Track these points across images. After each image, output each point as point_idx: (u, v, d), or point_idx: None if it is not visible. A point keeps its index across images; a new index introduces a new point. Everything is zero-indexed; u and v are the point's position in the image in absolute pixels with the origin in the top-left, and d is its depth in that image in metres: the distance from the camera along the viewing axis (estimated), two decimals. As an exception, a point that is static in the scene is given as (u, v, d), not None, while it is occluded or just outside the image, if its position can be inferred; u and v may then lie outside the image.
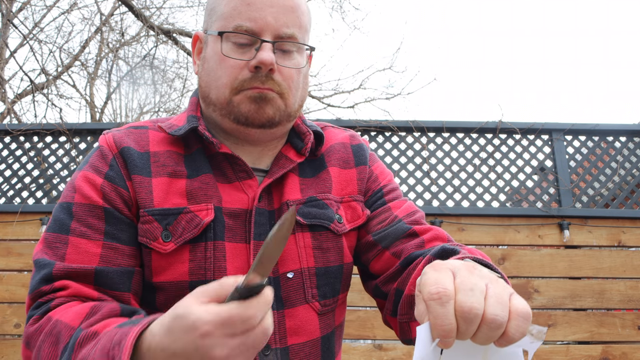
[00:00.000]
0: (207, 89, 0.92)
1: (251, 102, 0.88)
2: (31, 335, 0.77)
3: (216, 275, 0.85)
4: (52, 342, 0.73)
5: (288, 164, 0.95)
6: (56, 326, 0.74)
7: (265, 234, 0.90)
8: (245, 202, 0.90)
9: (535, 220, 3.11)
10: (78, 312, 0.75)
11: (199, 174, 0.90)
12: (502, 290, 0.57)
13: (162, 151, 0.92)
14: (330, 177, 0.98)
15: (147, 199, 0.86)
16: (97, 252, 0.83)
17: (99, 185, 0.87)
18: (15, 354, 2.90)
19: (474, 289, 0.56)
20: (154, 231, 0.85)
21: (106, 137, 0.92)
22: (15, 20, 7.15)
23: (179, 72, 9.87)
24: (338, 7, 11.69)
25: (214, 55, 0.91)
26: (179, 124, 0.95)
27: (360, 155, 1.04)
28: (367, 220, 0.99)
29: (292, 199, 0.93)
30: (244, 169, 0.91)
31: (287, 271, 0.89)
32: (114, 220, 0.86)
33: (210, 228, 0.86)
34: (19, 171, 3.31)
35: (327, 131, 1.06)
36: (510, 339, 0.55)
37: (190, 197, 0.88)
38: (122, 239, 0.86)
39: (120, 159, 0.89)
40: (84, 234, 0.84)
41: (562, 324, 2.91)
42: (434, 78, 14.87)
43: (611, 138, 3.33)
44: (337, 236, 0.94)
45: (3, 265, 3.05)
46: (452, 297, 0.55)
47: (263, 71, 0.87)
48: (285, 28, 0.88)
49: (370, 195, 1.02)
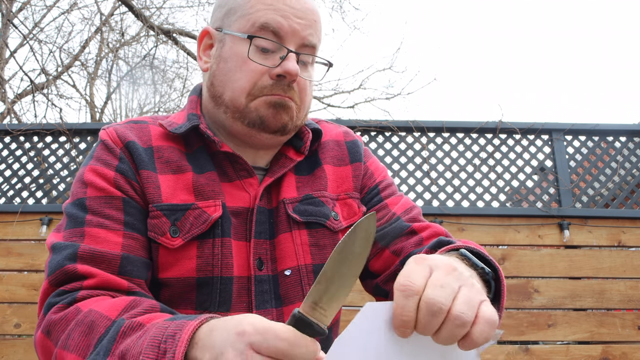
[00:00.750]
0: (221, 89, 0.91)
1: (269, 106, 0.88)
2: (55, 323, 0.72)
3: (223, 272, 0.84)
4: (83, 332, 0.68)
5: (288, 163, 0.95)
6: (88, 316, 0.70)
7: (265, 233, 0.90)
8: (247, 200, 0.90)
9: (535, 220, 3.11)
10: (115, 304, 0.72)
11: (204, 171, 0.90)
12: (473, 295, 0.58)
13: (165, 146, 0.91)
14: (326, 175, 0.99)
15: (155, 194, 0.85)
16: (118, 241, 0.81)
17: (112, 178, 0.85)
18: (15, 354, 2.90)
19: (445, 287, 0.57)
20: (162, 226, 0.84)
21: (107, 131, 0.90)
22: (15, 20, 7.15)
23: (179, 72, 9.87)
24: (338, 7, 11.69)
25: (234, 56, 0.89)
26: (178, 122, 0.94)
27: (355, 152, 1.04)
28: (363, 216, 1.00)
29: (289, 197, 0.93)
30: (245, 168, 0.92)
31: (285, 268, 0.89)
32: (133, 210, 0.84)
33: (218, 225, 0.86)
34: (19, 171, 3.31)
35: (321, 126, 1.06)
36: (473, 342, 0.56)
37: (198, 194, 0.87)
38: (141, 230, 0.84)
39: (127, 153, 0.87)
40: (102, 225, 0.81)
41: (562, 324, 2.91)
42: (434, 78, 14.83)
43: (611, 138, 3.33)
44: (334, 233, 0.95)
45: (3, 265, 3.05)
46: (418, 293, 0.56)
47: (287, 81, 0.87)
48: (310, 38, 0.89)
49: (366, 192, 1.03)
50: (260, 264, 0.88)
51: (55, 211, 3.14)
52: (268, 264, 0.89)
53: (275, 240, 0.91)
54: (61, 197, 3.34)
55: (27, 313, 2.95)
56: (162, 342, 0.60)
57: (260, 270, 0.88)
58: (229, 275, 0.85)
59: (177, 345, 0.58)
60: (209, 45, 0.96)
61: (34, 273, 3.09)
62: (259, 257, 0.88)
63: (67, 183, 3.32)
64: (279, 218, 0.91)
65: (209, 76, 0.94)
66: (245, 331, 0.54)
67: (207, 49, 0.96)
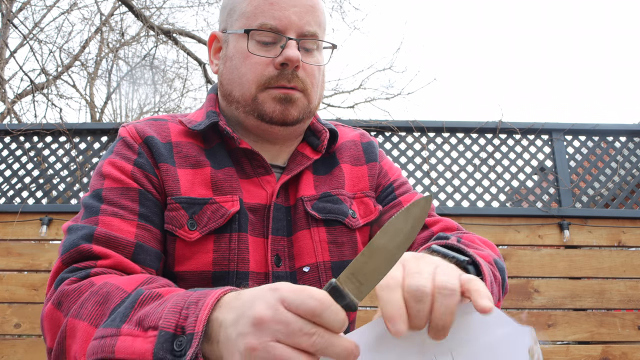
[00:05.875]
0: (229, 87, 0.93)
1: (276, 103, 0.90)
2: (67, 294, 0.70)
3: (239, 267, 0.85)
4: (98, 302, 0.66)
5: (305, 161, 0.97)
6: (103, 287, 0.68)
7: (282, 230, 0.91)
8: (264, 197, 0.91)
9: (535, 220, 3.11)
10: (131, 279, 0.71)
11: (222, 166, 0.91)
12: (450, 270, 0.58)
13: (184, 142, 0.92)
14: (343, 174, 1.00)
15: (174, 187, 0.86)
16: (132, 231, 0.81)
17: (129, 171, 0.86)
18: (15, 354, 2.89)
19: (421, 272, 0.57)
20: (180, 219, 0.85)
21: (127, 128, 0.92)
22: (15, 20, 7.15)
23: (179, 72, 9.86)
24: (338, 7, 11.68)
25: (237, 53, 0.91)
26: (197, 120, 0.95)
27: (370, 153, 1.06)
28: (379, 215, 1.01)
29: (307, 195, 0.94)
30: (263, 165, 0.93)
31: (303, 265, 0.90)
32: (148, 202, 0.85)
33: (235, 219, 0.87)
34: (19, 171, 3.30)
35: (338, 129, 1.08)
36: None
37: (216, 189, 0.88)
38: (155, 222, 0.85)
39: (146, 148, 0.89)
40: (116, 214, 0.82)
41: (562, 324, 2.91)
42: (434, 78, 14.89)
43: (611, 138, 3.33)
44: (351, 231, 0.96)
45: (3, 265, 3.05)
46: (399, 285, 0.56)
47: (289, 68, 0.88)
48: (308, 26, 0.90)
49: (381, 190, 1.04)
50: (278, 261, 0.89)
51: (55, 211, 3.14)
52: (286, 260, 0.90)
53: (292, 237, 0.92)
54: (61, 197, 3.34)
55: (27, 313, 2.95)
56: (184, 308, 0.58)
57: (278, 266, 0.88)
58: (245, 270, 0.85)
59: (201, 309, 0.56)
60: (217, 48, 0.99)
61: (34, 273, 3.09)
62: (276, 254, 0.89)
63: (67, 183, 3.32)
64: (297, 215, 0.92)
65: (219, 77, 0.97)
66: (278, 287, 0.53)
67: (217, 52, 0.99)
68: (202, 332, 0.55)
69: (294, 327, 0.50)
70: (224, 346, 0.54)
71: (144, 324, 0.60)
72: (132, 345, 0.58)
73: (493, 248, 0.89)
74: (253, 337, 0.50)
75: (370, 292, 0.53)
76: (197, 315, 0.56)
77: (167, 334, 0.57)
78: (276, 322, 0.50)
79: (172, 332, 0.57)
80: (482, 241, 0.89)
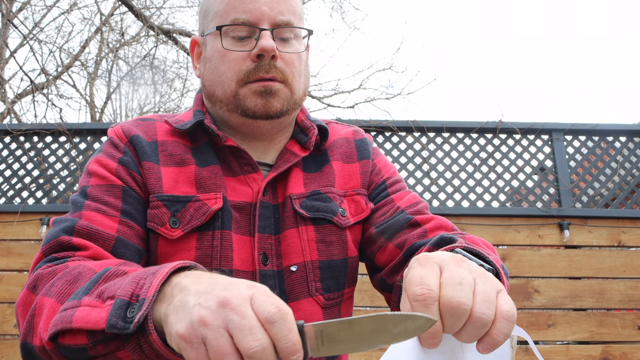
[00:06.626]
0: (211, 88, 0.94)
1: (257, 96, 0.89)
2: (41, 277, 0.72)
3: (222, 265, 0.85)
4: (68, 281, 0.68)
5: (293, 158, 0.96)
6: (76, 269, 0.70)
7: (270, 228, 0.91)
8: (250, 195, 0.91)
9: (535, 220, 3.11)
10: (104, 262, 0.72)
11: (208, 164, 0.91)
12: (489, 287, 0.57)
13: (170, 141, 0.93)
14: (334, 171, 0.99)
15: (157, 185, 0.87)
16: (114, 226, 0.82)
17: (114, 168, 0.88)
18: (15, 354, 2.89)
19: (463, 283, 0.55)
20: (161, 217, 0.86)
21: (114, 129, 0.94)
22: (15, 20, 7.15)
23: (179, 72, 9.87)
24: (338, 7, 11.70)
25: (215, 53, 0.92)
26: (185, 120, 0.96)
27: (363, 150, 1.05)
28: (371, 213, 1.00)
29: (296, 192, 0.93)
30: (249, 163, 0.93)
31: (291, 264, 0.90)
32: (131, 199, 0.86)
33: (218, 217, 0.87)
34: (19, 171, 3.31)
35: (331, 127, 1.07)
36: (493, 341, 0.55)
37: (200, 186, 0.89)
38: (138, 219, 0.86)
39: (131, 147, 0.91)
40: (99, 210, 0.83)
41: (562, 324, 2.91)
42: (434, 78, 14.89)
43: (611, 138, 3.33)
44: (341, 229, 0.95)
45: (3, 265, 3.05)
46: (437, 299, 0.54)
47: (266, 58, 0.88)
48: (281, 16, 0.90)
49: (373, 188, 1.03)
50: (265, 259, 0.89)
51: (55, 211, 3.14)
52: (273, 259, 0.89)
53: (280, 236, 0.91)
54: (61, 197, 3.34)
55: (27, 313, 2.95)
56: (142, 278, 0.59)
57: (265, 265, 0.88)
58: (229, 268, 0.85)
59: (157, 276, 0.57)
60: (199, 53, 0.99)
61: (34, 273, 3.09)
62: (263, 252, 0.89)
63: (67, 183, 3.32)
64: (285, 214, 0.92)
65: (201, 80, 0.98)
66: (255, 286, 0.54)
67: (199, 57, 0.99)
68: (154, 297, 0.56)
69: (246, 323, 0.50)
70: (174, 308, 0.55)
71: (104, 296, 0.61)
72: (89, 315, 0.59)
73: (494, 251, 0.89)
74: (211, 314, 0.51)
75: (326, 354, 0.52)
76: (152, 282, 0.57)
77: (122, 302, 0.58)
78: (236, 311, 0.51)
79: (127, 299, 0.58)
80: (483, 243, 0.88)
